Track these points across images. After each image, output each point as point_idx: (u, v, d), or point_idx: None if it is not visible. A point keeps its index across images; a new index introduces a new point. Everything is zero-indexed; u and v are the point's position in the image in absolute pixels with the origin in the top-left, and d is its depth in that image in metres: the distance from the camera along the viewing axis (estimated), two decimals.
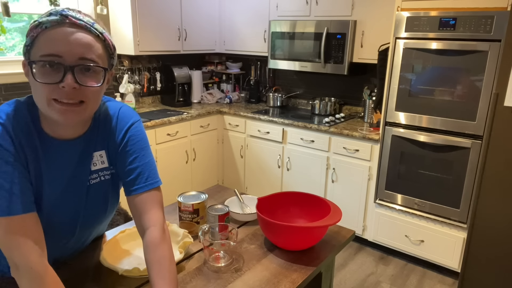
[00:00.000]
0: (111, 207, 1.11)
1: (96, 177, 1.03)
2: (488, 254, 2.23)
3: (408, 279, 2.69)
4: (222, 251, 1.15)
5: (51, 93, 0.82)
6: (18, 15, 2.90)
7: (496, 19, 2.20)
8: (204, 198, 1.32)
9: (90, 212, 1.05)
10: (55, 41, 0.81)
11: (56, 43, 0.81)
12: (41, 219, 0.91)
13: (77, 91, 0.84)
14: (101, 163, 1.02)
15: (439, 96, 2.48)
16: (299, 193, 1.37)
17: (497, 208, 2.16)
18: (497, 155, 2.11)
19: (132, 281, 1.04)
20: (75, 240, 1.10)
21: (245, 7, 3.68)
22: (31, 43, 0.83)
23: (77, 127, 0.96)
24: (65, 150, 0.96)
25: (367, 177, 2.91)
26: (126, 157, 1.02)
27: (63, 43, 0.81)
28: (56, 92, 0.82)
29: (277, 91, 3.94)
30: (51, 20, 0.82)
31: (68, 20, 0.83)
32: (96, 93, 0.88)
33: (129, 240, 1.22)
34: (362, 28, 3.03)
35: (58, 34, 0.81)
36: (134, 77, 3.60)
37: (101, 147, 1.02)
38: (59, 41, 0.81)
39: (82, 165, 1.00)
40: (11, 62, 2.88)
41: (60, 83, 0.82)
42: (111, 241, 1.16)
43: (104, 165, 1.03)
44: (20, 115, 0.90)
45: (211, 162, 3.73)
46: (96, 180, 1.03)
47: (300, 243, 1.18)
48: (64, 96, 0.83)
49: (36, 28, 0.82)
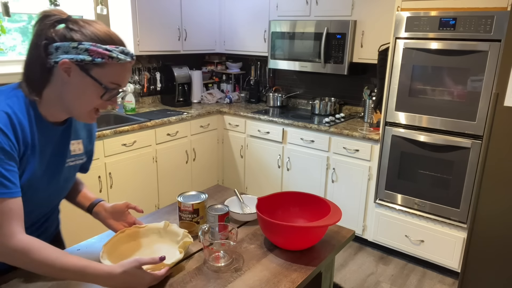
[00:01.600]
0: (70, 186, 1.28)
1: (73, 160, 1.18)
2: (488, 254, 2.23)
3: (408, 279, 2.69)
4: (222, 251, 1.15)
5: (97, 105, 1.02)
6: (18, 15, 2.90)
7: (496, 19, 2.20)
8: (204, 198, 1.32)
9: (60, 190, 1.19)
10: (122, 75, 1.01)
11: (123, 76, 1.01)
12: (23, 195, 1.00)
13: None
14: (78, 149, 1.19)
15: (439, 96, 2.48)
16: (299, 193, 1.37)
17: (497, 208, 2.16)
18: (497, 155, 2.11)
19: None
20: (41, 214, 1.19)
21: (245, 7, 3.68)
22: (100, 64, 0.96)
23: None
24: (55, 133, 1.09)
25: (367, 177, 2.91)
26: (91, 144, 1.30)
27: (126, 78, 1.03)
28: (101, 105, 1.03)
29: (277, 91, 3.94)
30: (127, 60, 0.99)
31: (132, 60, 1.02)
32: None
33: (129, 241, 1.21)
34: (362, 28, 3.03)
35: (125, 70, 1.01)
36: (134, 77, 3.60)
37: (77, 136, 1.19)
38: (124, 75, 1.01)
39: (63, 147, 1.14)
40: (11, 62, 2.88)
41: (108, 100, 1.02)
42: (110, 242, 1.16)
43: (80, 151, 1.20)
44: (21, 104, 1.00)
45: (211, 162, 3.73)
46: (72, 163, 1.18)
47: (300, 243, 1.18)
48: (104, 108, 1.05)
49: (112, 59, 0.97)
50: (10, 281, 1.03)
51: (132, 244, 1.21)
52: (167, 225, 1.25)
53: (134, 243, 1.22)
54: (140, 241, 1.23)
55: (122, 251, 1.17)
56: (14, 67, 2.87)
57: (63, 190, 1.20)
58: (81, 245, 1.25)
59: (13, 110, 0.96)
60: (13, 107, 0.97)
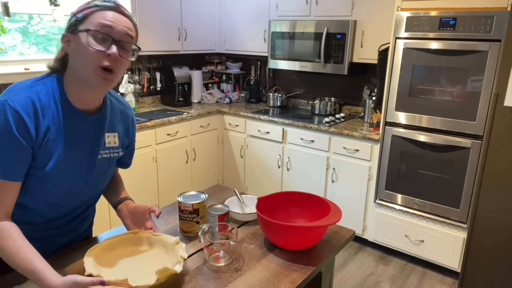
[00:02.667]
0: (108, 181, 1.27)
1: (108, 152, 1.18)
2: (488, 254, 2.23)
3: (408, 279, 2.69)
4: (222, 251, 1.15)
5: (98, 60, 0.98)
6: (18, 15, 2.90)
7: (496, 19, 2.20)
8: (204, 198, 1.32)
9: (93, 182, 1.18)
10: (108, 18, 0.99)
11: (109, 19, 0.99)
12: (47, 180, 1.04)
13: (116, 61, 1.00)
14: (113, 142, 1.20)
15: (439, 96, 2.48)
16: (299, 193, 1.37)
17: (497, 208, 2.16)
18: (497, 155, 2.11)
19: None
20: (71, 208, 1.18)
21: (245, 7, 3.68)
22: (83, 18, 0.99)
23: (100, 97, 1.12)
24: (86, 122, 1.10)
25: (367, 177, 2.91)
26: (133, 139, 1.31)
27: (114, 21, 1.00)
28: (101, 59, 0.98)
29: (277, 91, 3.94)
30: (107, 5, 1.00)
31: (119, 8, 1.03)
32: (124, 66, 1.05)
33: (131, 244, 1.17)
34: (362, 28, 3.03)
35: (111, 15, 1.00)
36: (134, 77, 3.60)
37: (114, 130, 1.20)
38: (111, 19, 1.00)
39: (96, 138, 1.14)
40: (11, 62, 2.88)
41: (107, 50, 0.98)
42: (110, 240, 1.14)
43: (115, 144, 1.21)
44: (49, 90, 1.04)
45: (211, 162, 3.73)
46: (107, 155, 1.18)
47: (300, 243, 1.18)
48: (109, 61, 0.99)
49: (90, 8, 0.99)
50: (9, 280, 1.03)
51: (131, 248, 1.16)
52: (176, 242, 1.13)
53: (133, 248, 1.17)
54: (140, 248, 1.17)
55: (117, 253, 1.13)
56: (14, 67, 2.87)
57: (96, 183, 1.19)
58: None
59: (38, 96, 1.00)
60: (39, 92, 1.01)
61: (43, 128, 1.01)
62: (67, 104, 1.05)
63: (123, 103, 1.27)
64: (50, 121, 1.02)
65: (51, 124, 1.02)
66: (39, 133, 1.00)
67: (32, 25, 3.03)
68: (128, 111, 1.27)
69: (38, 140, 1.00)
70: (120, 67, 1.03)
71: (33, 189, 1.05)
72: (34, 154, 1.01)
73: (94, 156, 1.14)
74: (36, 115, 0.99)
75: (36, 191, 1.06)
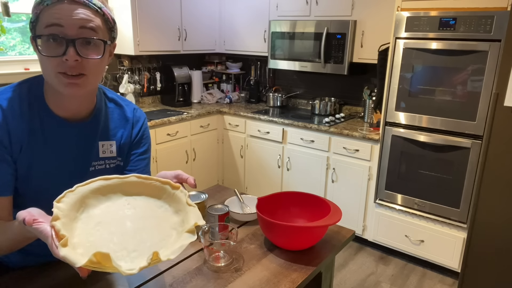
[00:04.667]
0: None
1: (102, 163, 1.08)
2: (488, 254, 2.23)
3: (408, 279, 2.69)
4: (222, 251, 1.15)
5: (56, 67, 0.88)
6: (18, 15, 2.90)
7: (496, 19, 2.20)
8: (204, 198, 1.32)
9: None
10: (56, 14, 0.86)
11: (57, 16, 0.86)
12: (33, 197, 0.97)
13: (79, 63, 0.88)
14: (109, 152, 1.09)
15: (439, 96, 2.48)
16: (299, 193, 1.37)
17: (497, 208, 2.16)
18: (497, 155, 2.11)
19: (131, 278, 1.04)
20: None
21: (245, 7, 3.68)
22: (36, 19, 0.89)
23: (82, 103, 1.01)
24: (70, 130, 1.01)
25: (367, 177, 2.91)
26: (139, 148, 1.15)
27: (63, 16, 0.86)
28: (61, 66, 0.88)
29: (277, 91, 3.94)
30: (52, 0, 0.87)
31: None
32: (97, 66, 0.92)
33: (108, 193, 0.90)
34: (362, 28, 3.03)
35: (59, 9, 0.86)
36: (134, 77, 3.60)
37: (110, 137, 1.09)
38: (59, 14, 0.86)
39: (85, 149, 1.05)
40: (11, 62, 2.88)
41: (63, 55, 0.86)
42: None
43: (112, 154, 1.10)
44: (23, 97, 0.95)
45: (211, 162, 3.73)
46: (101, 167, 1.08)
47: (300, 243, 1.18)
48: (68, 69, 0.88)
49: (39, 5, 0.88)
50: (9, 280, 1.03)
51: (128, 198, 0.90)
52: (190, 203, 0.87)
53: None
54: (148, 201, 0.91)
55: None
56: (14, 67, 2.87)
57: None
58: None
59: (11, 104, 0.93)
60: (13, 100, 0.94)
61: (16, 138, 0.94)
62: (46, 111, 0.97)
63: (123, 106, 1.15)
64: (26, 130, 0.94)
65: (27, 134, 0.95)
66: (13, 142, 0.93)
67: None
68: (129, 115, 1.15)
69: (14, 150, 0.94)
70: (88, 68, 0.90)
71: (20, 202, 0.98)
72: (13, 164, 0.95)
73: (84, 167, 1.05)
74: (7, 124, 0.92)
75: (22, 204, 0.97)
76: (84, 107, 1.02)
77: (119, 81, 3.45)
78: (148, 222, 0.86)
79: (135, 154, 1.15)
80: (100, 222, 0.82)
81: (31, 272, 1.05)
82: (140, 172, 1.14)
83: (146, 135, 1.17)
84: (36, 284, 1.01)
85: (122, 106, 1.15)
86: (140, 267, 0.71)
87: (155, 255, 0.73)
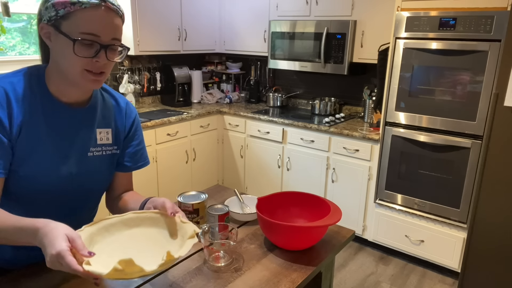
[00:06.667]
0: (104, 181, 1.20)
1: (99, 150, 1.13)
2: (488, 254, 2.23)
3: (408, 279, 2.69)
4: (222, 251, 1.15)
5: (85, 65, 0.94)
6: (18, 15, 2.90)
7: (496, 19, 2.20)
8: (204, 198, 1.32)
9: (82, 181, 1.11)
10: (94, 22, 0.92)
11: (95, 24, 0.92)
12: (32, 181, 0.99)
13: (105, 64, 0.97)
14: (106, 139, 1.14)
15: (439, 96, 2.48)
16: (299, 193, 1.37)
17: (497, 208, 2.16)
18: (497, 155, 2.11)
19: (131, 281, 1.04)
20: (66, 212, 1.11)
21: (245, 7, 3.68)
22: (66, 15, 0.91)
23: (85, 91, 1.07)
24: (71, 115, 1.05)
25: (367, 177, 2.91)
26: (133, 140, 1.23)
27: (101, 25, 0.92)
28: (89, 65, 0.95)
29: (277, 91, 3.94)
30: (91, 2, 0.91)
31: (105, 4, 0.93)
32: (112, 66, 1.02)
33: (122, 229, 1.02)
34: (362, 28, 3.03)
35: (97, 16, 0.92)
36: (134, 77, 3.60)
37: (106, 125, 1.14)
38: (98, 23, 0.92)
39: (84, 135, 1.09)
40: (11, 62, 2.88)
41: (94, 57, 0.94)
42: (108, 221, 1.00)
43: (108, 141, 1.15)
44: (25, 81, 0.99)
45: (211, 162, 3.73)
46: (99, 153, 1.13)
47: (300, 243, 1.18)
48: (96, 69, 0.96)
49: (74, 5, 0.91)
50: (12, 278, 1.03)
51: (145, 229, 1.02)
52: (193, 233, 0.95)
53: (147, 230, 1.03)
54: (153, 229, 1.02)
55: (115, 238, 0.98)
56: (14, 67, 2.87)
57: (86, 182, 1.10)
58: None
59: (13, 87, 0.96)
60: (14, 84, 0.97)
61: (17, 121, 0.96)
62: (48, 97, 1.01)
63: (116, 98, 1.20)
64: (27, 113, 0.97)
65: (28, 117, 0.97)
66: (13, 125, 0.95)
67: (32, 25, 3.02)
68: (122, 105, 1.20)
69: (14, 132, 0.95)
70: (108, 68, 0.99)
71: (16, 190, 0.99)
72: (12, 148, 0.96)
73: (84, 152, 1.08)
74: (10, 106, 0.94)
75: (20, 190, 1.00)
76: (85, 94, 1.08)
77: (119, 81, 3.45)
78: (152, 244, 0.99)
79: (131, 146, 1.23)
80: (109, 252, 0.94)
81: (32, 270, 1.05)
82: (140, 161, 1.27)
83: (139, 128, 1.26)
84: (37, 283, 1.01)
85: (115, 97, 1.20)
86: (159, 264, 0.81)
87: (168, 254, 0.82)
